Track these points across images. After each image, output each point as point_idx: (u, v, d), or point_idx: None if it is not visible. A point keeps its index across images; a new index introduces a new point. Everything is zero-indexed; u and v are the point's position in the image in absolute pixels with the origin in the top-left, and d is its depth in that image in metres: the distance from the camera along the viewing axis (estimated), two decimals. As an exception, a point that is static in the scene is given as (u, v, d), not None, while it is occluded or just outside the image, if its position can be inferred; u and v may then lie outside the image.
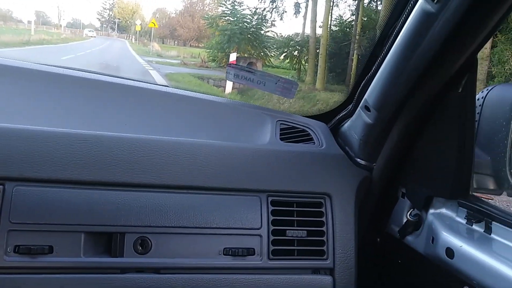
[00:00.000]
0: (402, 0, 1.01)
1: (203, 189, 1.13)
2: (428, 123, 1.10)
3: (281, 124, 1.34)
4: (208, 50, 19.41)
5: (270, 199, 1.16)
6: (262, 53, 17.56)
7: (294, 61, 17.02)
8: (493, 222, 0.96)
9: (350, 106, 1.28)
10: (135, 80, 1.43)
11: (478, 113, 1.07)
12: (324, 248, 1.17)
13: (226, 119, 1.35)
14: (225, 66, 16.24)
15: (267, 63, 18.19)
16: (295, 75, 16.01)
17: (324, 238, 1.17)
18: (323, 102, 10.79)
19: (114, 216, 1.05)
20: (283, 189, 1.18)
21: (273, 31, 17.83)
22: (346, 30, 14.14)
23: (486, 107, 1.06)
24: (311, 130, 1.34)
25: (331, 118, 1.38)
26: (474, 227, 1.01)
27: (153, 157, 1.11)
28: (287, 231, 1.15)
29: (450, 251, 1.02)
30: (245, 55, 18.20)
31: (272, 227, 1.14)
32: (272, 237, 1.14)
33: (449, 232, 1.05)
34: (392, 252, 1.26)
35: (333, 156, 1.26)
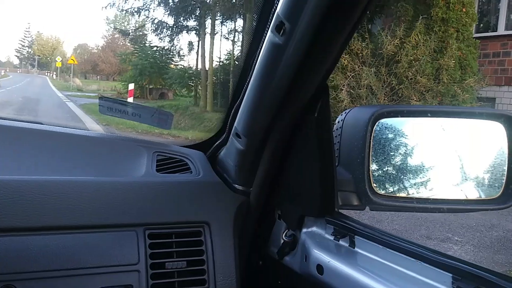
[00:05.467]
0: (259, 32, 0.93)
1: (73, 228, 0.94)
2: (293, 146, 1.01)
3: (158, 155, 1.18)
4: (124, 83, 19.00)
5: (147, 232, 1.00)
6: (173, 84, 17.59)
7: (190, 90, 17.62)
8: (356, 236, 0.90)
9: (225, 134, 1.16)
10: (9, 120, 1.20)
11: (339, 135, 1.01)
12: (205, 277, 1.02)
13: (100, 154, 1.16)
14: (138, 95, 16.27)
15: (178, 93, 18.30)
16: (192, 101, 16.65)
17: (205, 267, 1.03)
18: (209, 120, 12.18)
19: None
20: (161, 221, 1.02)
21: (181, 65, 18.18)
22: (235, 62, 14.98)
23: (345, 129, 1.01)
24: (189, 159, 1.20)
25: (209, 146, 1.25)
26: (341, 242, 0.93)
27: (17, 198, 0.90)
28: (167, 263, 0.99)
29: (320, 268, 0.93)
30: (158, 86, 18.16)
31: (150, 261, 0.98)
32: (150, 271, 0.97)
33: (319, 249, 0.96)
34: (273, 274, 1.15)
35: (210, 184, 1.13)
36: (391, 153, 0.99)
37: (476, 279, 0.66)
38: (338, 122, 1.02)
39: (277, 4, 0.78)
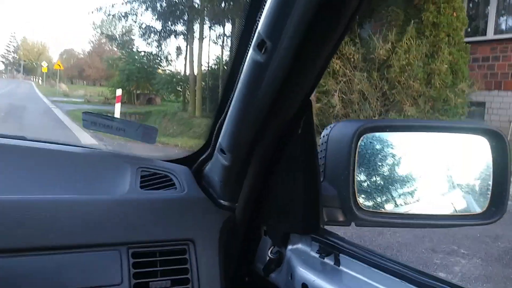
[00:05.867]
0: (243, 48, 0.93)
1: (52, 249, 0.92)
2: (278, 162, 1.01)
3: (142, 171, 1.18)
4: (111, 88, 18.88)
5: (130, 251, 0.99)
6: (160, 90, 17.48)
7: (178, 95, 17.49)
8: (341, 255, 0.90)
9: (209, 149, 1.16)
10: None
11: (324, 150, 1.01)
12: None
13: (83, 171, 1.15)
14: (125, 101, 16.14)
15: (165, 98, 18.19)
16: (180, 107, 16.45)
17: (189, 286, 1.02)
18: (197, 126, 12.13)
19: None
20: (144, 240, 1.01)
21: (169, 70, 18.10)
22: (224, 67, 14.98)
23: (330, 144, 1.01)
24: (173, 175, 1.19)
25: (195, 161, 1.25)
26: (326, 260, 0.93)
27: None
28: (151, 283, 0.98)
29: (305, 286, 0.93)
30: (146, 91, 18.06)
31: (134, 281, 0.97)
32: None
33: (304, 267, 0.96)
34: None
35: (195, 200, 1.13)
36: (377, 169, 0.99)
37: None
38: (324, 136, 1.03)
39: (259, 22, 0.79)
